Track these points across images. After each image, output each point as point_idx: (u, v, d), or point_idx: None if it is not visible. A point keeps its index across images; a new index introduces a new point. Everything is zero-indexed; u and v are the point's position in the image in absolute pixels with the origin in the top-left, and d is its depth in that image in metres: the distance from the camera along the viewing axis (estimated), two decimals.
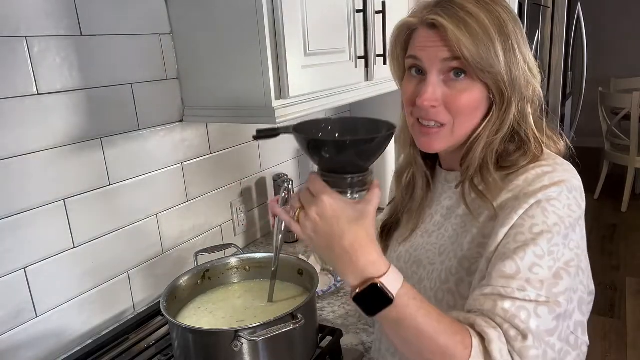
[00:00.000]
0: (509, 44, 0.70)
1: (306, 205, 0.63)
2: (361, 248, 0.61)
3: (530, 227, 0.66)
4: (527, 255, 0.65)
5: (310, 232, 0.63)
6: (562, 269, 0.65)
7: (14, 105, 0.99)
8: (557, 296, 0.64)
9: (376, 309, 0.61)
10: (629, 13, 5.38)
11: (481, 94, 0.73)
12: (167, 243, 1.36)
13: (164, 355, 1.04)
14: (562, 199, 0.68)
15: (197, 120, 1.35)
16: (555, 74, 3.06)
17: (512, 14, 0.72)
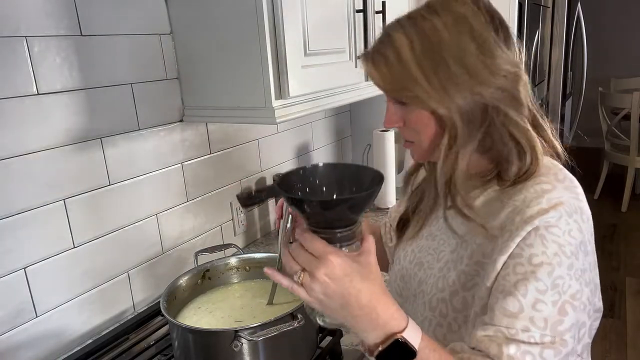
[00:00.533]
0: (438, 61, 0.67)
1: (310, 268, 0.60)
2: (379, 304, 0.61)
3: (529, 258, 0.64)
4: (529, 291, 0.63)
5: (319, 295, 0.60)
6: (567, 303, 0.63)
7: (14, 105, 0.99)
8: (562, 334, 0.63)
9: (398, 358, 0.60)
10: (629, 13, 5.38)
11: (424, 116, 0.72)
12: (167, 243, 1.36)
13: (164, 355, 1.04)
14: (562, 224, 0.65)
15: (197, 120, 1.35)
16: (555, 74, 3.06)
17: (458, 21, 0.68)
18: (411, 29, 0.69)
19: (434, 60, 0.68)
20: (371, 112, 2.16)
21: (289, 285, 0.62)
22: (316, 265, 0.59)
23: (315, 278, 0.59)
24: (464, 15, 0.68)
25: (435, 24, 0.68)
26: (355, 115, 2.23)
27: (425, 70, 0.68)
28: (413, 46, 0.68)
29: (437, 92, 0.68)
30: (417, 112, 0.72)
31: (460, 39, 0.68)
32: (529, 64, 2.32)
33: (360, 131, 2.23)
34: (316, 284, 0.60)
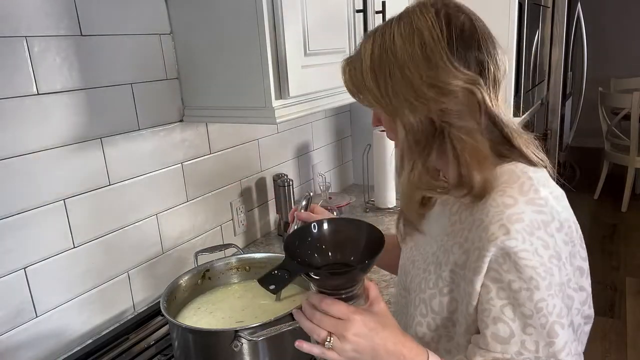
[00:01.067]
0: (387, 70, 0.69)
1: (337, 331, 0.64)
2: (404, 347, 0.66)
3: (508, 283, 0.65)
4: (517, 316, 0.65)
5: (351, 354, 0.65)
6: (555, 323, 0.65)
7: (14, 105, 0.99)
8: (556, 355, 0.65)
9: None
10: (629, 13, 5.38)
11: (385, 119, 0.76)
12: (167, 243, 1.36)
13: (164, 355, 1.04)
14: (527, 246, 0.64)
15: (197, 120, 1.35)
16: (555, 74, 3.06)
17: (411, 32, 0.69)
18: (377, 37, 0.72)
19: (384, 70, 0.70)
20: (371, 112, 2.16)
21: (319, 353, 0.66)
22: (343, 326, 0.64)
23: (345, 339, 0.64)
24: (419, 27, 0.69)
25: (394, 34, 0.70)
26: (355, 115, 2.23)
27: (377, 78, 0.71)
28: (373, 54, 0.71)
29: (385, 100, 0.71)
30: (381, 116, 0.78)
31: (412, 51, 0.68)
32: (529, 64, 2.32)
33: (360, 131, 2.23)
34: (347, 344, 0.64)
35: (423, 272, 0.80)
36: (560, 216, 0.69)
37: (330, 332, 0.65)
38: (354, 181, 2.33)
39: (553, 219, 0.67)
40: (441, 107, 0.68)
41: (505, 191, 0.68)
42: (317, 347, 0.66)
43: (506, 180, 0.69)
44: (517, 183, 0.69)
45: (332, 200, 1.82)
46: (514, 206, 0.66)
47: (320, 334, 0.65)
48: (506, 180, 0.69)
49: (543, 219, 0.66)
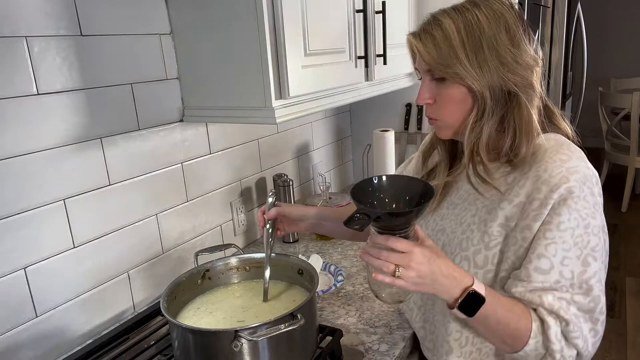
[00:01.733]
0: (478, 45, 0.81)
1: (403, 262, 0.76)
2: (454, 270, 0.79)
3: (557, 225, 0.78)
4: (558, 251, 0.78)
5: (416, 279, 0.76)
6: (589, 255, 0.79)
7: (14, 105, 0.99)
8: (587, 281, 0.78)
9: (475, 309, 0.79)
10: (629, 13, 5.38)
11: (459, 92, 0.84)
12: (167, 243, 1.36)
13: (164, 355, 1.04)
14: (579, 192, 0.78)
15: (197, 120, 1.35)
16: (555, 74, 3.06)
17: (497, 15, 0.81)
18: (458, 17, 0.82)
19: (475, 45, 0.81)
20: (371, 112, 2.16)
21: (390, 282, 0.77)
22: (408, 258, 0.76)
23: (410, 267, 0.76)
24: (501, 12, 0.82)
25: (478, 16, 0.81)
26: (355, 115, 2.23)
27: (467, 52, 0.81)
28: (459, 31, 0.81)
29: (475, 71, 0.81)
30: (453, 88, 0.84)
31: (497, 31, 0.81)
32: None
33: (360, 131, 2.23)
34: (411, 272, 0.76)
35: (462, 233, 0.90)
36: (596, 174, 0.84)
37: (397, 265, 0.76)
38: (354, 181, 2.33)
39: (594, 174, 0.82)
40: (518, 80, 0.82)
41: (559, 151, 0.82)
42: (388, 277, 0.76)
43: (553, 144, 0.83)
44: (564, 145, 0.83)
45: (332, 200, 1.82)
46: (569, 161, 0.80)
47: (390, 267, 0.76)
48: (553, 144, 0.83)
49: (591, 173, 0.82)
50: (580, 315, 0.79)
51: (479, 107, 0.84)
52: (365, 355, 1.06)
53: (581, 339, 0.80)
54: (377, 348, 1.08)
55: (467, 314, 0.79)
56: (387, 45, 1.50)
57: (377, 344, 1.09)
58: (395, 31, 1.56)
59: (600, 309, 0.80)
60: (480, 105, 0.83)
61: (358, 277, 1.40)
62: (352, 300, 1.28)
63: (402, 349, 1.08)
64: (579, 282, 0.79)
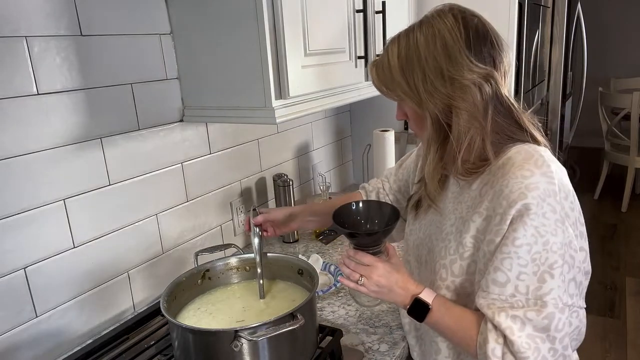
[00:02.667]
0: (411, 69, 0.83)
1: (366, 273, 0.90)
2: (407, 282, 0.90)
3: (513, 240, 0.79)
4: (513, 266, 0.79)
5: (375, 288, 0.90)
6: (545, 272, 0.78)
7: (14, 105, 0.99)
8: (542, 297, 0.78)
9: (422, 315, 0.88)
10: (629, 13, 5.38)
11: (412, 111, 0.89)
12: (167, 243, 1.36)
13: (164, 355, 1.04)
14: (537, 210, 0.77)
15: (197, 120, 1.35)
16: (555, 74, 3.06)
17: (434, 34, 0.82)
18: (402, 40, 0.86)
19: (409, 68, 0.84)
20: (371, 112, 2.16)
21: (355, 287, 0.91)
22: (370, 271, 0.90)
23: (372, 279, 0.89)
24: (440, 29, 0.82)
25: (418, 37, 0.83)
26: (355, 115, 2.23)
27: (404, 75, 0.84)
28: (399, 55, 0.85)
29: (413, 94, 0.85)
30: (406, 108, 0.91)
31: (433, 50, 0.82)
32: (529, 64, 2.32)
33: (360, 131, 2.23)
34: (372, 281, 0.90)
35: (442, 241, 0.93)
36: (566, 187, 0.82)
37: (361, 275, 0.90)
38: (354, 181, 2.33)
39: (561, 190, 0.80)
40: (456, 100, 0.82)
41: (523, 166, 0.80)
42: (352, 283, 0.91)
43: (523, 157, 0.82)
44: (532, 159, 0.81)
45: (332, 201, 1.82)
46: (531, 177, 0.79)
47: (355, 276, 0.90)
48: (523, 157, 0.82)
49: (553, 189, 0.79)
50: (537, 336, 0.78)
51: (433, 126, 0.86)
52: (365, 355, 1.06)
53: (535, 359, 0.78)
54: (377, 348, 1.08)
55: (416, 318, 0.89)
56: None
57: (377, 344, 1.09)
58: (395, 31, 1.56)
59: (555, 327, 0.78)
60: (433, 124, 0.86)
61: None
62: (352, 300, 1.28)
63: (402, 349, 1.08)
64: (533, 298, 0.78)
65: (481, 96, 0.82)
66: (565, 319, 0.79)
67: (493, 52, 0.83)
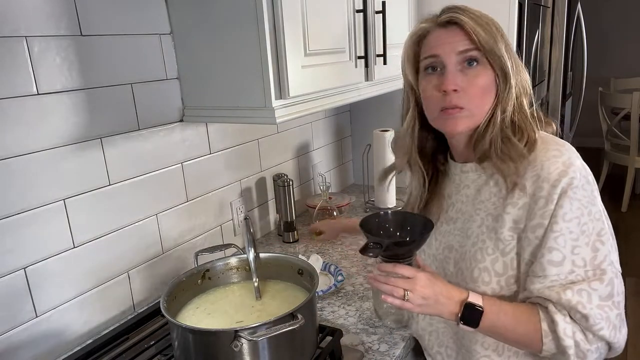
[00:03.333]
0: (505, 40, 0.87)
1: (410, 287, 0.84)
2: (451, 290, 0.87)
3: (563, 216, 0.81)
4: (567, 242, 0.81)
5: (421, 301, 0.85)
6: (596, 241, 0.82)
7: (14, 105, 0.99)
8: (599, 265, 0.81)
9: (476, 320, 0.84)
10: (629, 13, 5.38)
11: (490, 78, 0.87)
12: (167, 243, 1.36)
13: (164, 355, 1.04)
14: (578, 183, 0.81)
15: (197, 120, 1.35)
16: (555, 74, 3.06)
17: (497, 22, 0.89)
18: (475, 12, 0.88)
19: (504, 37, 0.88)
20: (371, 112, 2.16)
21: (400, 304, 0.85)
22: (414, 283, 0.85)
23: (416, 291, 0.84)
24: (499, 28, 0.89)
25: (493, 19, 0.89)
26: (355, 115, 2.23)
27: (504, 40, 0.87)
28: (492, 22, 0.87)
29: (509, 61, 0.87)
30: (484, 75, 0.86)
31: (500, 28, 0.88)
32: (529, 64, 2.31)
33: (360, 131, 2.23)
34: (417, 295, 0.84)
35: (472, 245, 0.92)
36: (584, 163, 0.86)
37: (405, 289, 0.84)
38: (354, 181, 2.33)
39: (583, 163, 0.85)
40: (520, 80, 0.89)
41: (548, 149, 0.84)
42: (397, 300, 0.85)
43: (540, 143, 0.86)
44: (550, 142, 0.86)
45: (332, 200, 1.82)
46: (562, 155, 0.83)
47: (399, 292, 0.84)
48: (540, 143, 0.86)
49: (582, 162, 0.84)
50: (605, 305, 0.81)
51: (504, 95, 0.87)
52: (365, 355, 1.06)
53: (608, 329, 0.81)
54: (377, 348, 1.08)
55: (471, 325, 0.85)
56: (387, 45, 1.50)
57: (377, 344, 1.09)
58: (395, 31, 1.56)
59: (617, 291, 0.82)
60: (507, 93, 0.87)
61: (358, 277, 1.40)
62: (352, 300, 1.28)
63: (402, 349, 1.08)
64: (592, 268, 0.81)
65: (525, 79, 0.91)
66: (620, 283, 0.84)
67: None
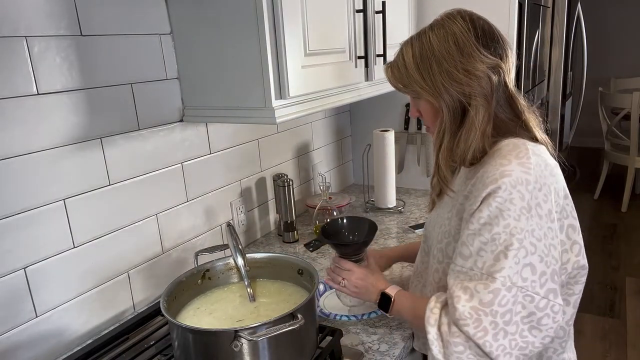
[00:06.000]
0: (428, 65, 0.90)
1: (347, 277, 1.11)
2: (378, 282, 1.09)
3: (478, 219, 0.86)
4: (475, 242, 0.86)
5: (354, 289, 1.11)
6: (501, 253, 0.83)
7: (14, 105, 0.99)
8: (493, 274, 0.83)
9: (387, 306, 1.05)
10: (629, 13, 5.38)
11: (427, 106, 0.96)
12: (167, 243, 1.36)
13: (164, 355, 1.04)
14: (504, 194, 0.84)
15: (197, 120, 1.35)
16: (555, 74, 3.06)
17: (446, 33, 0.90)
18: (415, 42, 0.93)
19: (425, 65, 0.91)
20: (371, 112, 2.16)
21: (338, 288, 1.13)
22: (350, 275, 1.12)
23: (351, 281, 1.11)
24: (451, 29, 0.90)
25: (430, 37, 0.92)
26: (355, 115, 2.23)
27: (421, 72, 0.92)
28: (414, 55, 0.92)
29: (429, 87, 0.92)
30: (422, 103, 0.97)
31: (447, 47, 0.89)
32: (529, 64, 2.32)
33: (360, 131, 2.23)
34: (351, 284, 1.11)
35: (439, 227, 1.01)
36: (545, 180, 0.86)
37: (342, 278, 1.12)
38: (354, 181, 2.33)
39: (536, 181, 0.85)
40: (470, 89, 0.89)
41: (505, 156, 0.87)
42: (335, 285, 1.13)
43: (509, 148, 0.88)
44: (516, 150, 0.87)
45: (332, 200, 1.82)
46: (507, 165, 0.85)
47: (337, 279, 1.13)
48: (509, 148, 0.88)
49: (527, 178, 0.84)
50: (480, 310, 0.83)
51: (441, 118, 0.93)
52: (365, 355, 1.06)
53: (474, 329, 0.82)
54: (377, 348, 1.08)
55: (384, 310, 1.05)
56: (387, 45, 1.50)
57: (377, 344, 1.09)
58: (395, 31, 1.56)
59: (498, 302, 0.82)
60: (441, 116, 0.93)
61: None
62: None
63: (402, 349, 1.08)
64: (486, 273, 0.84)
65: (490, 86, 0.89)
66: (511, 297, 0.82)
67: (499, 46, 0.91)
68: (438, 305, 0.90)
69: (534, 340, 0.85)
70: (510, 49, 0.94)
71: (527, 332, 0.84)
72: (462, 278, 0.87)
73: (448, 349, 0.85)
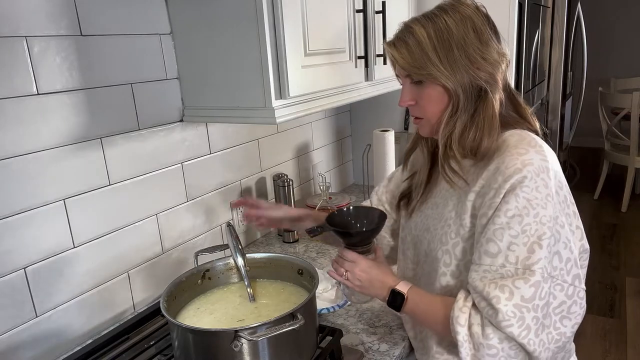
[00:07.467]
0: (448, 47, 0.87)
1: (350, 269, 0.99)
2: (385, 277, 0.98)
3: (505, 211, 0.83)
4: (504, 236, 0.83)
5: (357, 282, 0.99)
6: (535, 243, 0.81)
7: (14, 105, 0.99)
8: (530, 267, 0.81)
9: (399, 305, 0.95)
10: (629, 13, 5.38)
11: (436, 92, 0.90)
12: (167, 243, 1.36)
13: (164, 355, 1.04)
14: (530, 183, 0.82)
15: (197, 120, 1.35)
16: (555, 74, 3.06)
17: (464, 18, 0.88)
18: (428, 23, 0.89)
19: (445, 47, 0.87)
20: (371, 112, 2.16)
21: (341, 280, 1.01)
22: (354, 266, 0.99)
23: (354, 273, 0.99)
24: (467, 14, 0.88)
25: (446, 20, 0.88)
26: (355, 115, 2.23)
27: (438, 54, 0.87)
28: (429, 35, 0.88)
29: (447, 70, 0.87)
30: (430, 89, 0.91)
31: (465, 32, 0.87)
32: (529, 64, 2.31)
33: (360, 131, 2.23)
34: (354, 277, 0.99)
35: (441, 228, 0.96)
36: (557, 167, 0.88)
37: (346, 270, 0.99)
38: (354, 181, 2.33)
39: (552, 168, 0.85)
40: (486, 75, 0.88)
41: (518, 145, 0.86)
42: (338, 277, 1.01)
43: (517, 139, 0.88)
44: (525, 140, 0.87)
45: (332, 200, 1.82)
46: (526, 154, 0.84)
47: (340, 270, 1.01)
48: (517, 139, 0.88)
49: (546, 165, 0.84)
50: (523, 306, 0.80)
51: (453, 104, 0.90)
52: (365, 355, 1.06)
53: (518, 328, 0.80)
54: (377, 348, 1.08)
55: (395, 309, 0.95)
56: None
57: (377, 344, 1.09)
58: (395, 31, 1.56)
59: (539, 295, 0.81)
60: (455, 102, 0.89)
61: None
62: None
63: (402, 349, 1.08)
64: (522, 267, 0.81)
65: (502, 75, 0.90)
66: (547, 289, 0.82)
67: (501, 39, 0.92)
68: (467, 304, 0.85)
69: (565, 330, 0.84)
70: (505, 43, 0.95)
71: (559, 322, 0.84)
72: (492, 277, 0.83)
73: (480, 351, 0.82)
